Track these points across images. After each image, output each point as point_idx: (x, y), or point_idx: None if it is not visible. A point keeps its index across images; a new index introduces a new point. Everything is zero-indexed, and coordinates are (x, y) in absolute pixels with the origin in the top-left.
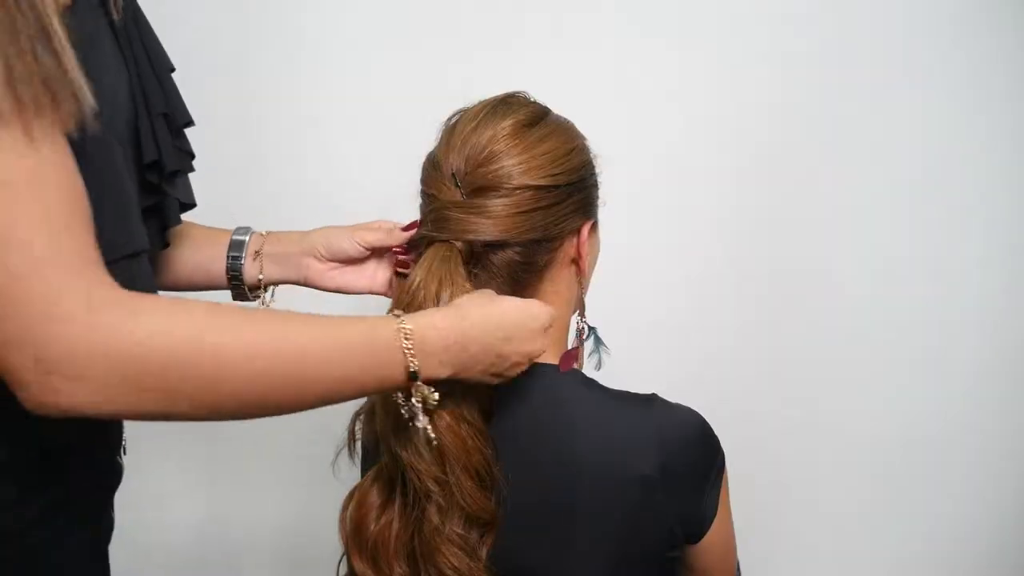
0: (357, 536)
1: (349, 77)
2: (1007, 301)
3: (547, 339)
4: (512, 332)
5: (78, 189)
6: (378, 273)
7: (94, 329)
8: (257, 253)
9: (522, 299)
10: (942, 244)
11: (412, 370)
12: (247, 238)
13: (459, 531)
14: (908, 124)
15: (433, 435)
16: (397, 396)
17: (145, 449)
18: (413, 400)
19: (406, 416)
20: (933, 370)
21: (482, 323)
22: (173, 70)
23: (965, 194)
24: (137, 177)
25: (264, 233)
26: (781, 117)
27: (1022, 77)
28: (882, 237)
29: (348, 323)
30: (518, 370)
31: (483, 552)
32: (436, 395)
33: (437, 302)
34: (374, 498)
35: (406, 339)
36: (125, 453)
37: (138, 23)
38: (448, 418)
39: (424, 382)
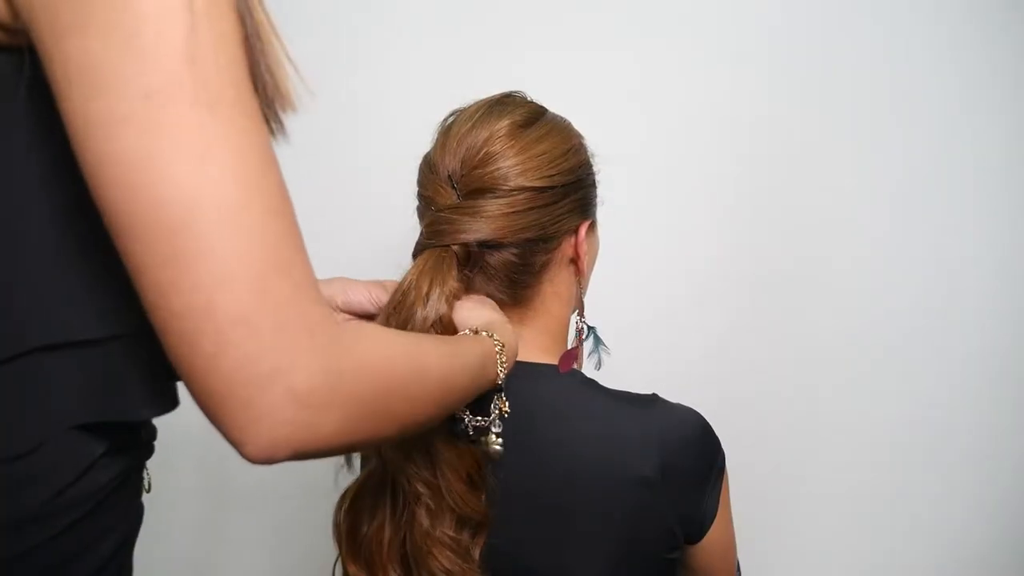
0: (350, 540)
1: (348, 76)
2: (1005, 299)
3: None
4: None
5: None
6: None
7: (337, 354)
8: None
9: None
10: (940, 243)
11: (500, 382)
12: None
13: (450, 533)
14: (905, 123)
15: (500, 443)
16: (465, 412)
17: None
18: (492, 408)
19: (477, 425)
20: (932, 368)
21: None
22: None
23: (963, 192)
24: None
25: None
26: (778, 117)
27: (1019, 75)
28: (879, 236)
29: (463, 339)
30: None
31: (476, 552)
32: (507, 404)
33: (427, 301)
34: (364, 501)
35: (500, 355)
36: (149, 490)
37: None
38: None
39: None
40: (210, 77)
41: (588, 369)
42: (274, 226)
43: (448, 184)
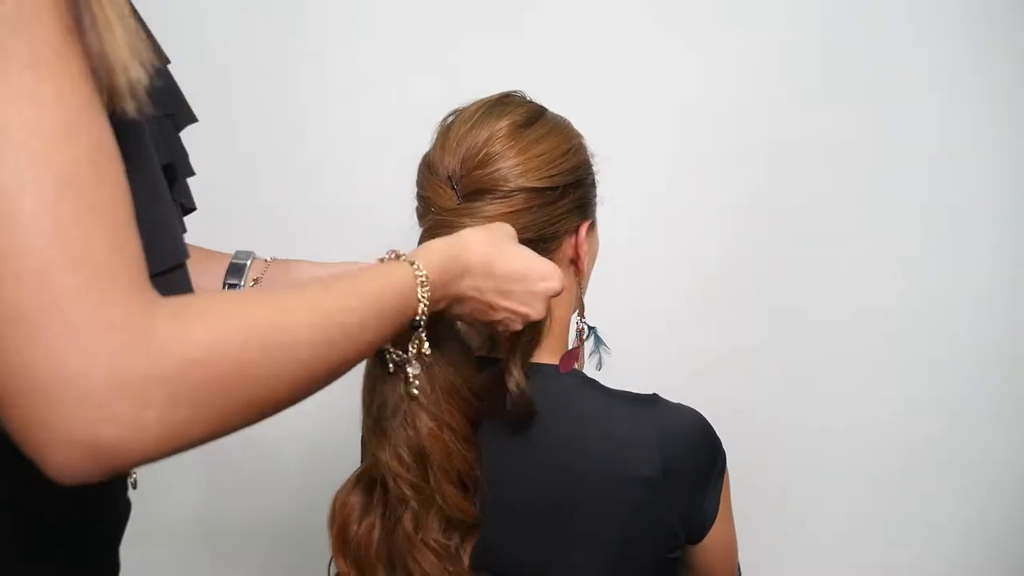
0: (341, 538)
1: (347, 75)
2: (1008, 302)
3: (546, 306)
4: (510, 288)
5: (123, 177)
6: None
7: (149, 353)
8: (256, 281)
9: (535, 254)
10: (943, 245)
11: (419, 318)
12: (248, 263)
13: (437, 536)
14: (910, 123)
15: (417, 392)
16: (387, 348)
17: None
18: (410, 347)
19: (394, 365)
20: (934, 371)
21: (481, 266)
22: (168, 62)
23: (967, 193)
24: None
25: (268, 260)
26: (779, 117)
27: (1021, 73)
28: (883, 237)
29: (365, 279)
30: (504, 329)
31: (465, 556)
32: (427, 345)
33: None
34: (356, 499)
35: (422, 287)
36: (135, 487)
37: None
38: (430, 424)
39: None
40: None
41: (589, 369)
42: (70, 207)
43: (448, 185)
